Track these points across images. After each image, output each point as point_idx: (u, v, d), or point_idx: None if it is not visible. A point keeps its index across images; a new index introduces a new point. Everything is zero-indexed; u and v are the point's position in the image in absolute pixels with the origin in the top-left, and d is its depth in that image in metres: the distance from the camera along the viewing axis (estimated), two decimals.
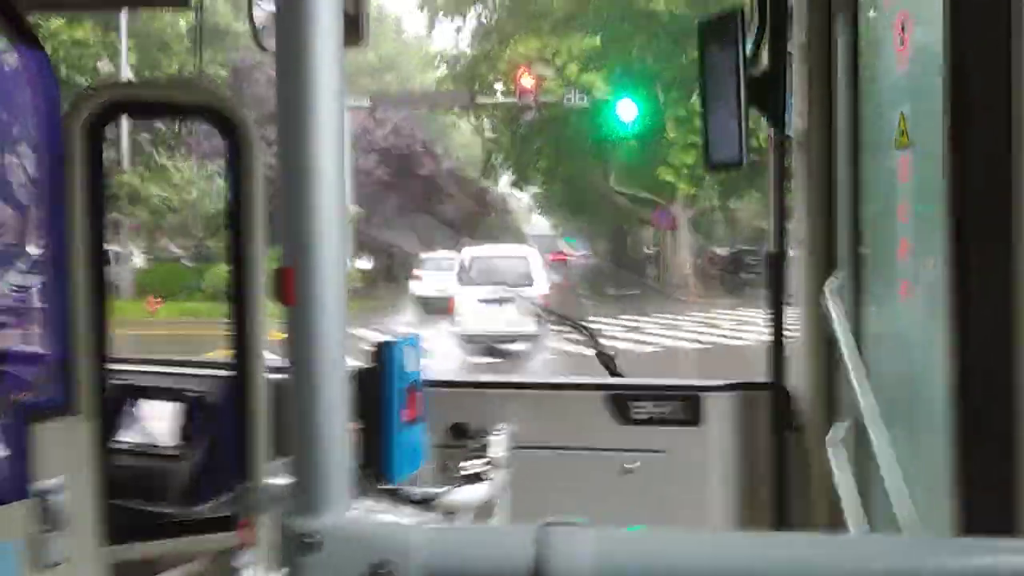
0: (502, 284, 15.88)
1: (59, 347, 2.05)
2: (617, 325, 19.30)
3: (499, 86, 28.32)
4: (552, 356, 14.99)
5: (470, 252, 18.96)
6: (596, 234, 58.57)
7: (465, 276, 16.83)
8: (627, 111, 22.19)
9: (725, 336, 18.29)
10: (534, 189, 47.71)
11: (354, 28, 2.10)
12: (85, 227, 2.04)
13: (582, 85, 26.13)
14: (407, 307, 24.91)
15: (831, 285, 2.15)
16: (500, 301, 15.20)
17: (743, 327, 18.58)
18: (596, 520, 0.84)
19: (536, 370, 14.72)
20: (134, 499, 2.26)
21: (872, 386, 1.97)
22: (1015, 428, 1.39)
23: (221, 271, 20.40)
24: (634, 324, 20.16)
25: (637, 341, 16.87)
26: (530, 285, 16.42)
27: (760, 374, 2.46)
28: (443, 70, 34.40)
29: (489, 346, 15.61)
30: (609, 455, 2.62)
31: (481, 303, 15.52)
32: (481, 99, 28.32)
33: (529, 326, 14.90)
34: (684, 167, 24.89)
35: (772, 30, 2.21)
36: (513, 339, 15.32)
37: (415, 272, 26.36)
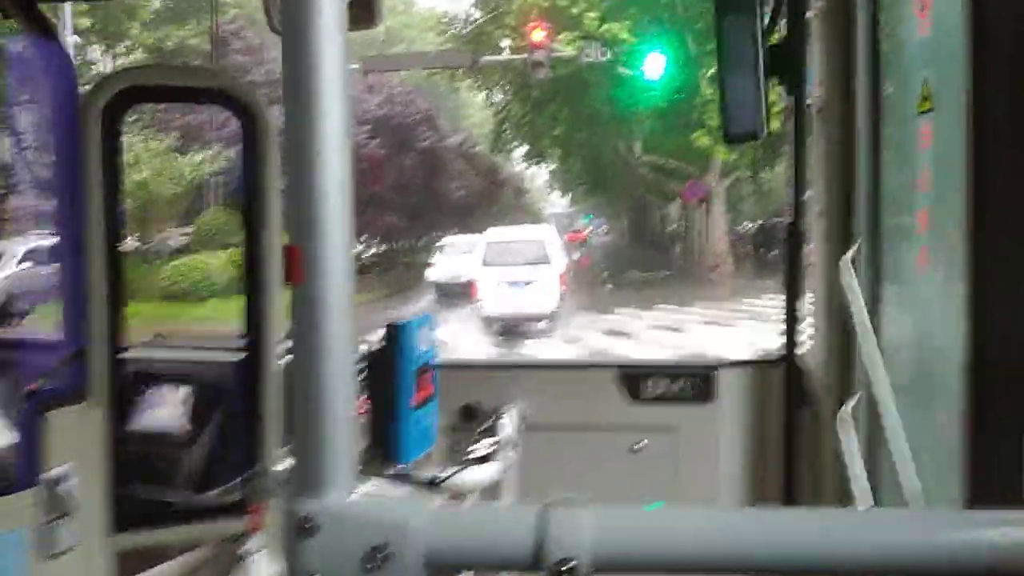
0: (521, 265, 16.73)
1: (74, 335, 2.06)
2: (653, 322, 16.82)
3: (507, 42, 24.49)
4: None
5: (490, 235, 19.78)
6: (618, 210, 56.31)
7: (486, 258, 17.56)
8: (654, 67, 18.96)
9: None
10: (550, 165, 45.45)
11: (368, 9, 2.08)
12: (101, 214, 2.04)
13: (603, 38, 22.26)
14: (406, 301, 22.57)
15: (849, 257, 2.11)
16: (519, 283, 16.31)
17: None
18: (608, 499, 0.82)
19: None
20: (144, 486, 2.27)
21: (886, 360, 1.95)
22: None
23: (195, 263, 19.92)
24: (675, 318, 17.14)
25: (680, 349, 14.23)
26: (548, 264, 17.12)
27: None
28: (450, 34, 30.59)
29: (507, 326, 16.39)
30: (620, 434, 2.61)
31: (501, 285, 16.42)
32: (486, 59, 24.34)
33: (547, 306, 16.00)
34: None
35: None
36: (532, 319, 16.06)
37: (432, 259, 26.41)
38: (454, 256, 25.16)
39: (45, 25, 2.05)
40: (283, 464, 1.92)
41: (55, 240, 2.17)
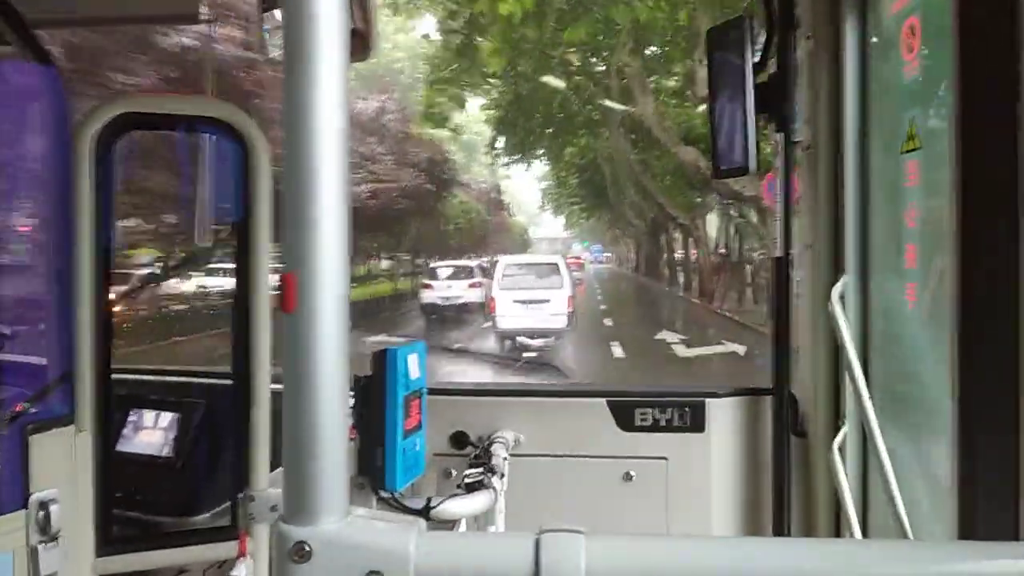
0: (535, 287, 18.97)
1: (63, 358, 2.05)
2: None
3: None
4: None
5: (507, 259, 22.16)
6: (621, 232, 53.50)
7: (503, 280, 19.70)
8: None
9: None
10: (543, 180, 46.59)
11: (362, 42, 2.11)
12: (92, 240, 2.05)
13: None
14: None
15: (838, 290, 2.14)
16: (533, 302, 18.56)
17: None
18: (599, 527, 0.83)
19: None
20: (132, 509, 2.26)
21: (877, 392, 1.97)
22: (1019, 435, 1.38)
23: None
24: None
25: None
26: (559, 288, 19.20)
27: None
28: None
29: (519, 341, 18.07)
30: (612, 462, 2.60)
31: (516, 303, 18.58)
32: None
33: (558, 323, 18.10)
34: None
35: (780, 36, 2.21)
36: (542, 335, 17.94)
37: (425, 281, 26.53)
38: (446, 280, 25.40)
39: (39, 49, 2.07)
40: (272, 489, 1.91)
41: (45, 264, 2.17)
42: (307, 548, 0.83)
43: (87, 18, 2.90)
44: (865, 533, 2.04)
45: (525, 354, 16.57)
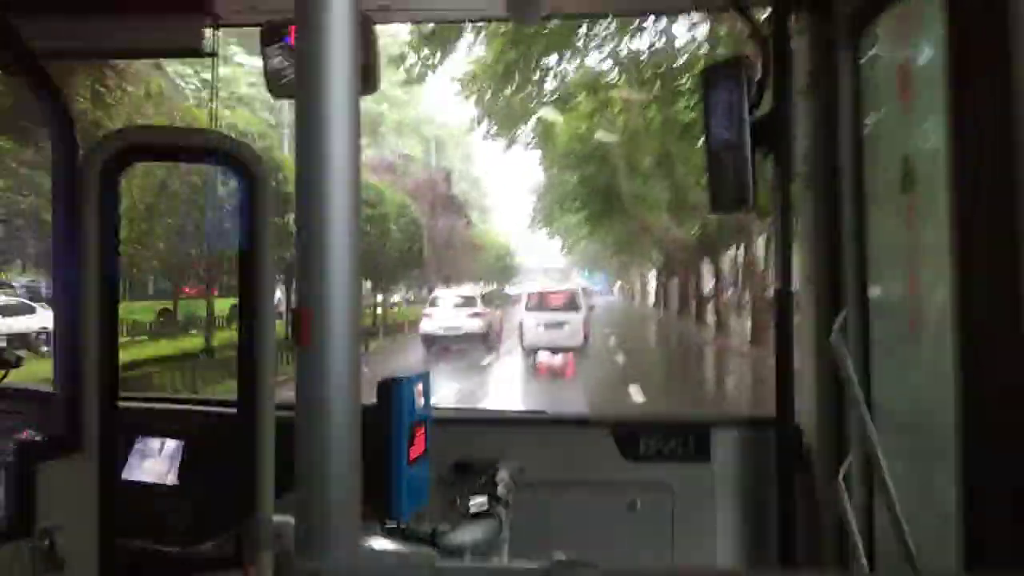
0: (556, 311, 22.97)
1: (69, 385, 2.07)
2: None
3: None
4: None
5: (531, 287, 27.50)
6: (635, 260, 45.33)
7: (528, 305, 24.02)
8: None
9: None
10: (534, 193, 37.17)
11: (366, 77, 2.15)
12: (98, 268, 2.07)
13: None
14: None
15: (839, 322, 2.16)
16: (554, 324, 22.71)
17: None
18: (603, 556, 0.84)
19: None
20: (136, 537, 2.26)
21: (880, 423, 1.98)
22: None
23: None
24: None
25: None
26: (577, 312, 23.25)
27: None
28: None
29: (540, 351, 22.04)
30: (615, 490, 2.60)
31: (540, 325, 22.74)
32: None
33: (575, 341, 22.44)
34: None
35: (775, 74, 2.25)
36: (563, 350, 21.98)
37: (425, 311, 26.21)
38: (447, 309, 25.11)
39: (46, 81, 2.11)
40: (277, 517, 1.92)
41: (53, 292, 2.19)
42: None
43: (94, 51, 2.96)
44: (872, 563, 2.03)
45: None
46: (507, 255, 52.99)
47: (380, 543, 1.37)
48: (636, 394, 15.15)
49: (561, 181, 31.80)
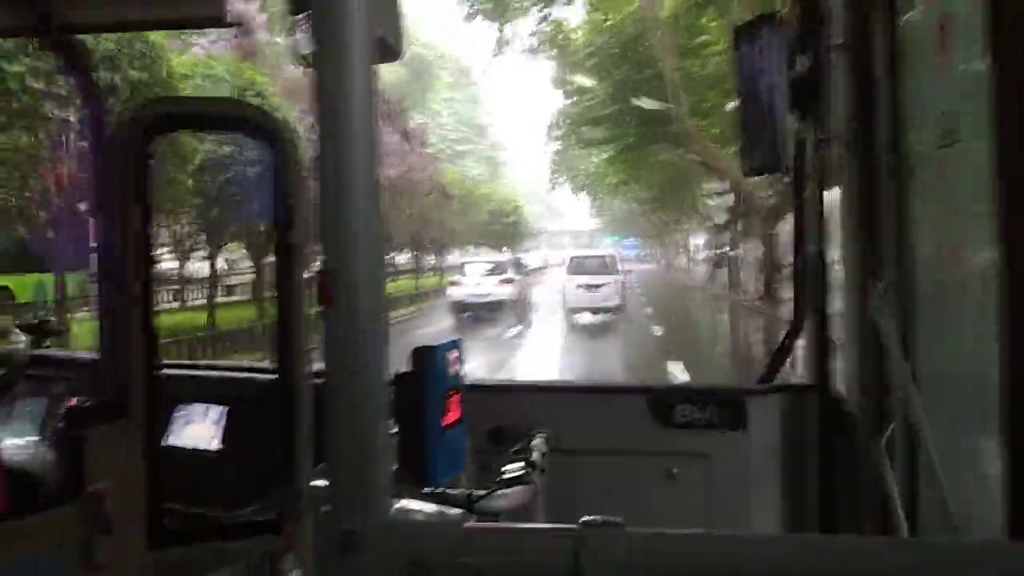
0: (594, 274, 24.58)
1: (111, 351, 2.12)
2: None
3: None
4: None
5: (572, 253, 29.33)
6: (672, 220, 35.58)
7: (569, 270, 25.72)
8: None
9: None
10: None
11: (389, 44, 2.14)
12: (134, 236, 2.11)
13: None
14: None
15: (878, 285, 2.13)
16: (592, 286, 24.28)
17: None
18: (639, 524, 0.84)
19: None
20: (178, 502, 2.32)
21: (921, 387, 1.95)
22: None
23: None
24: None
25: None
26: (614, 274, 24.95)
27: None
28: None
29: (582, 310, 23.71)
30: (650, 459, 2.60)
31: (580, 287, 24.36)
32: None
33: (612, 301, 24.05)
34: None
35: (808, 31, 2.20)
36: (603, 310, 23.84)
37: (453, 278, 26.37)
38: (476, 276, 25.20)
39: (76, 55, 2.12)
40: (316, 482, 1.96)
41: (95, 262, 2.24)
42: (354, 538, 0.85)
43: (117, 23, 2.98)
44: (914, 533, 2.02)
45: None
46: (514, 214, 42.16)
47: (414, 506, 1.40)
48: None
49: (582, 105, 24.47)
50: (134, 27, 6.07)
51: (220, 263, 19.74)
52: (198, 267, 20.14)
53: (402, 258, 31.76)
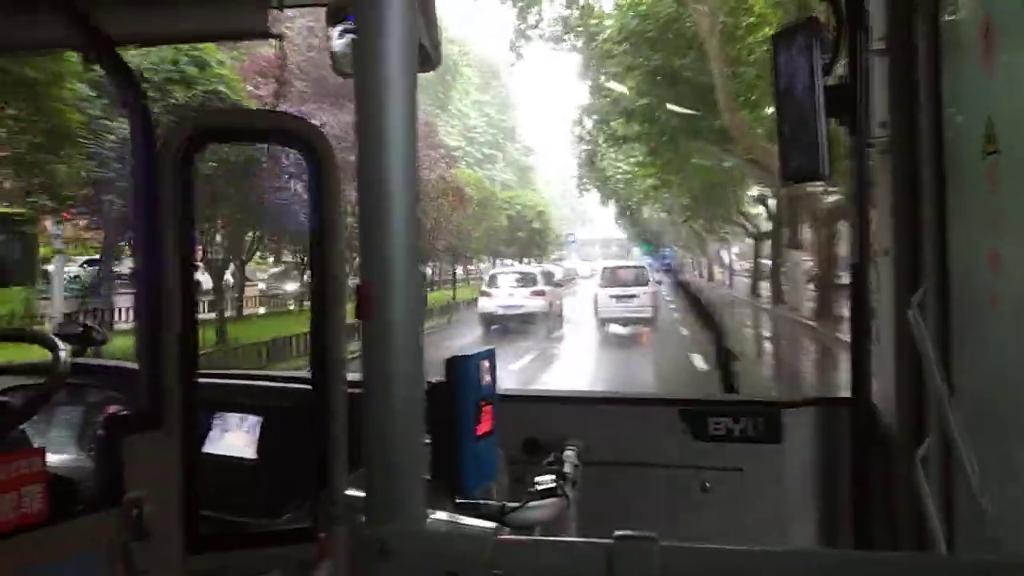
0: (627, 285, 24.60)
1: (151, 361, 2.15)
2: None
3: None
4: None
5: (604, 264, 28.90)
6: (714, 229, 31.91)
7: (602, 280, 25.85)
8: None
9: None
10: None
11: (427, 54, 2.16)
12: (176, 247, 2.14)
13: None
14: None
15: (917, 297, 2.08)
16: (625, 296, 24.27)
17: None
18: (672, 537, 0.83)
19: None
20: (214, 510, 2.34)
21: (958, 401, 1.90)
22: None
23: None
24: None
25: None
26: (646, 285, 24.82)
27: None
28: None
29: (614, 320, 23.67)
30: (684, 472, 2.56)
31: (613, 298, 24.38)
32: None
33: (645, 313, 23.91)
34: None
35: (849, 36, 2.17)
36: (634, 321, 23.66)
37: (484, 289, 26.18)
38: (507, 287, 25.06)
39: (123, 68, 2.16)
40: (351, 491, 1.96)
41: (135, 271, 2.28)
42: (388, 547, 0.86)
43: (161, 36, 3.04)
44: (951, 549, 1.97)
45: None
46: (538, 220, 39.25)
47: (448, 517, 1.40)
48: None
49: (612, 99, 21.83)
50: (177, 40, 6.20)
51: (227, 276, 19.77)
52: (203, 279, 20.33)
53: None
